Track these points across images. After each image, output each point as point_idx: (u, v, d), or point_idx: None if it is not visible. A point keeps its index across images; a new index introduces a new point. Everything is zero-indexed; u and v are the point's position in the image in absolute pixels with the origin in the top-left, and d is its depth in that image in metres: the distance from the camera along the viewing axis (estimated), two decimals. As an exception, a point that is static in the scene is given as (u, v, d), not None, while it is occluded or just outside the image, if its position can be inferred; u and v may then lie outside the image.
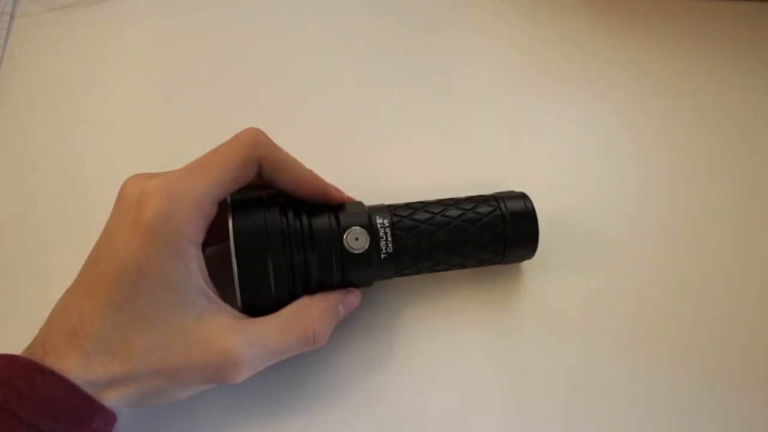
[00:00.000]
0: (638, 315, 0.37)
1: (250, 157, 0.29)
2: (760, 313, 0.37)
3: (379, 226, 0.32)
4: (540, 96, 0.45)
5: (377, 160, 0.41)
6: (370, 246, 0.32)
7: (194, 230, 0.28)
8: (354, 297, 0.33)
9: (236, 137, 0.30)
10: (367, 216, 0.33)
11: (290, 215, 0.31)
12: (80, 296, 0.27)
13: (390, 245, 0.32)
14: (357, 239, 0.32)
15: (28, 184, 0.39)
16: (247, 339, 0.28)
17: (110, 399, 0.26)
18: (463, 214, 0.34)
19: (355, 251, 0.32)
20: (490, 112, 0.44)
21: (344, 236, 0.32)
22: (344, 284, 0.33)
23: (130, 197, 0.28)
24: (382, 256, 0.32)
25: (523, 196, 0.35)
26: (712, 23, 0.49)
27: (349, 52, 0.46)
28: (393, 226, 0.33)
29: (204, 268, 0.29)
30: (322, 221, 0.32)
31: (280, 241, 0.30)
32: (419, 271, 0.34)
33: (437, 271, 0.35)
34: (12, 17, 0.46)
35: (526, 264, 0.38)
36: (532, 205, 0.35)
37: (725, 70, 0.47)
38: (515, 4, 0.49)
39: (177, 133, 0.41)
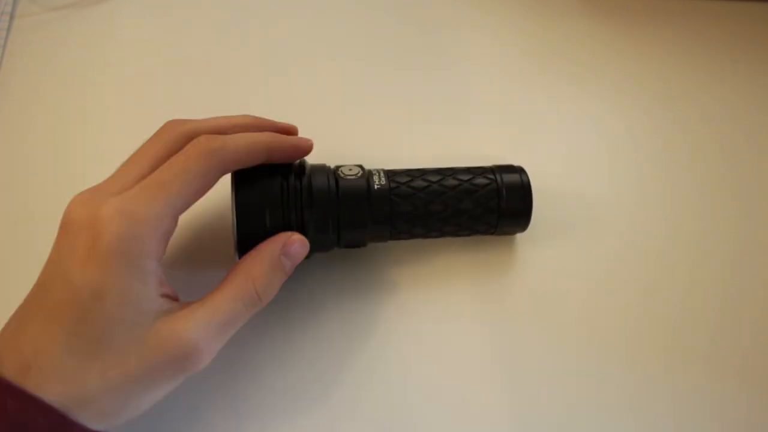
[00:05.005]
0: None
1: (210, 168, 0.28)
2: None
3: (373, 170, 0.34)
4: (540, 94, 0.45)
5: (378, 156, 0.41)
6: (362, 176, 0.33)
7: (155, 248, 0.27)
8: (298, 245, 0.31)
9: (185, 151, 0.28)
10: (362, 166, 0.34)
11: (291, 177, 0.32)
12: (32, 326, 0.26)
13: (383, 179, 0.33)
14: (350, 169, 0.33)
15: (27, 184, 0.39)
16: (197, 322, 0.27)
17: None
18: (459, 184, 0.34)
19: (349, 177, 0.33)
20: (490, 110, 0.44)
21: (338, 170, 0.33)
22: (339, 231, 0.33)
23: (82, 220, 0.26)
24: (376, 186, 0.33)
25: (519, 170, 0.35)
26: (712, 23, 0.49)
27: (352, 49, 0.46)
28: (389, 177, 0.34)
29: (160, 273, 0.28)
30: (321, 177, 0.33)
31: (279, 197, 0.31)
32: (412, 236, 0.35)
33: (430, 237, 0.35)
34: (12, 17, 0.46)
35: (518, 235, 0.38)
36: (527, 178, 0.35)
37: (725, 70, 0.47)
38: (516, 4, 0.49)
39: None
